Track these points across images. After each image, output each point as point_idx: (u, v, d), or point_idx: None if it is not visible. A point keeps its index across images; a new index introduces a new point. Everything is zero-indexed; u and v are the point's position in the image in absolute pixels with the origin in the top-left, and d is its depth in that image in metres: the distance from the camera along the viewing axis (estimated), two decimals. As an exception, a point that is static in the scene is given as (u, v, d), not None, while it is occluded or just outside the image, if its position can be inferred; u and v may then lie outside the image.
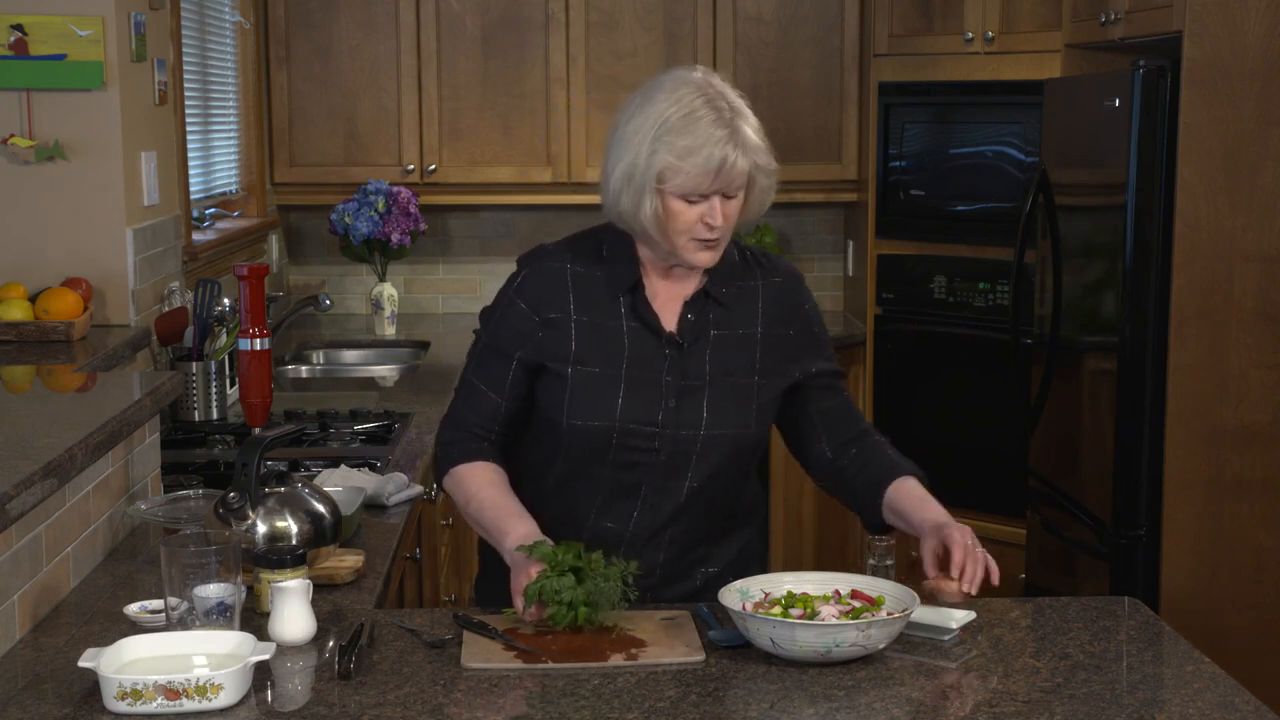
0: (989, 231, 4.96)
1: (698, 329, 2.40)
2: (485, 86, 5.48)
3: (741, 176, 2.30)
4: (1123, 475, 3.90)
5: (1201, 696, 2.04)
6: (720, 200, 2.30)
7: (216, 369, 3.82)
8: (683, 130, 2.28)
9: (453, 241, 5.88)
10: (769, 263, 2.51)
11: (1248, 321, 3.76)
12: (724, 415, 2.39)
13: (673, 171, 2.28)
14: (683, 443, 2.38)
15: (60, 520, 2.39)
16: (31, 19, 3.48)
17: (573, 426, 2.39)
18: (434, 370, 4.73)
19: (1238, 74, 3.69)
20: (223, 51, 5.00)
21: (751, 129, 2.31)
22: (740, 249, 2.48)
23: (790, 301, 2.48)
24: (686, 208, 2.31)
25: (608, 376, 2.38)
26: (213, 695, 1.94)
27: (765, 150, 2.33)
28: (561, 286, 2.41)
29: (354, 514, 2.73)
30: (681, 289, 2.42)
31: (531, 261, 2.45)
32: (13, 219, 3.58)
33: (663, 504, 2.41)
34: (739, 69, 5.50)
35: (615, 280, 2.41)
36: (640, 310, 2.40)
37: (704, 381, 2.39)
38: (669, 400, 2.38)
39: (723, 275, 2.43)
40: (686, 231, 2.32)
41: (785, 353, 2.45)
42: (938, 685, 2.08)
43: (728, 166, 2.28)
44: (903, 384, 5.33)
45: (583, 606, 2.18)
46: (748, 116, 2.32)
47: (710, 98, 2.29)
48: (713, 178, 2.28)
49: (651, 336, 2.39)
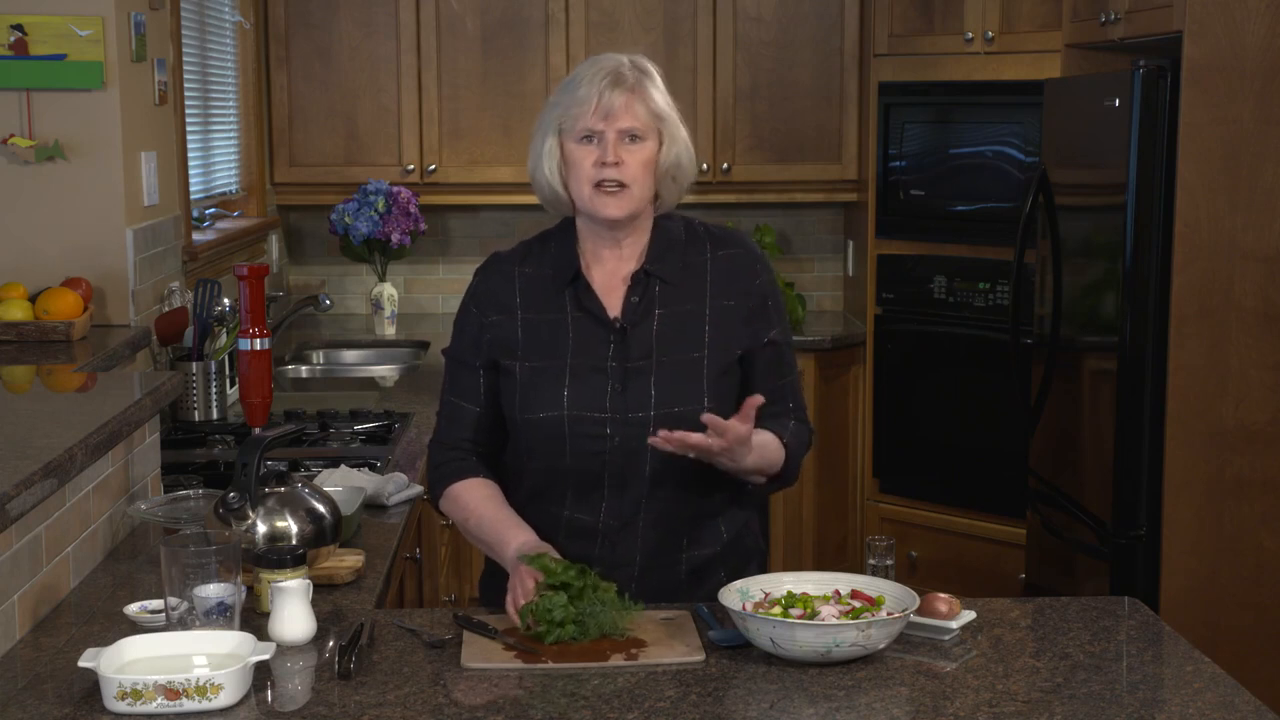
0: (989, 231, 4.96)
1: (642, 309, 2.41)
2: (485, 86, 5.48)
3: (630, 115, 2.34)
4: (1123, 475, 3.90)
5: (1201, 696, 2.04)
6: (617, 138, 2.34)
7: (216, 369, 3.82)
8: (573, 81, 2.38)
9: (453, 241, 5.88)
10: (723, 238, 2.50)
11: (1248, 321, 3.76)
12: (673, 394, 2.38)
13: (562, 111, 2.37)
14: (634, 425, 2.38)
15: (60, 520, 2.39)
16: (31, 19, 3.48)
17: (526, 421, 2.41)
18: (434, 370, 4.73)
19: (1238, 74, 3.69)
20: (223, 51, 5.00)
21: (656, 90, 2.38)
22: (689, 225, 2.49)
23: (742, 275, 2.46)
24: (583, 150, 2.36)
25: (554, 368, 2.40)
26: (213, 695, 1.95)
27: (670, 111, 2.39)
28: (509, 288, 2.46)
29: (354, 514, 2.73)
30: (620, 269, 2.43)
31: (483, 269, 2.52)
32: (13, 219, 3.58)
33: (627, 491, 2.41)
34: (739, 69, 5.50)
35: (559, 274, 2.44)
36: (583, 299, 2.42)
37: (650, 362, 2.39)
38: (615, 385, 2.38)
39: (662, 252, 2.44)
40: (589, 179, 2.36)
41: (732, 324, 2.43)
42: (938, 685, 2.08)
43: (606, 100, 2.33)
44: (903, 384, 5.33)
45: (570, 625, 2.18)
46: (655, 82, 2.39)
47: (618, 63, 2.37)
48: (593, 108, 2.33)
49: (595, 324, 2.41)
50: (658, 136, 2.37)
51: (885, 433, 5.40)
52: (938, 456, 5.26)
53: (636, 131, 2.35)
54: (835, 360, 5.39)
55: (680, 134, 2.40)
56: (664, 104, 2.38)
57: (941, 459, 5.25)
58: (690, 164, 2.42)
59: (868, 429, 5.44)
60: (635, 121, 2.34)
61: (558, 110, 2.38)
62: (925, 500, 5.30)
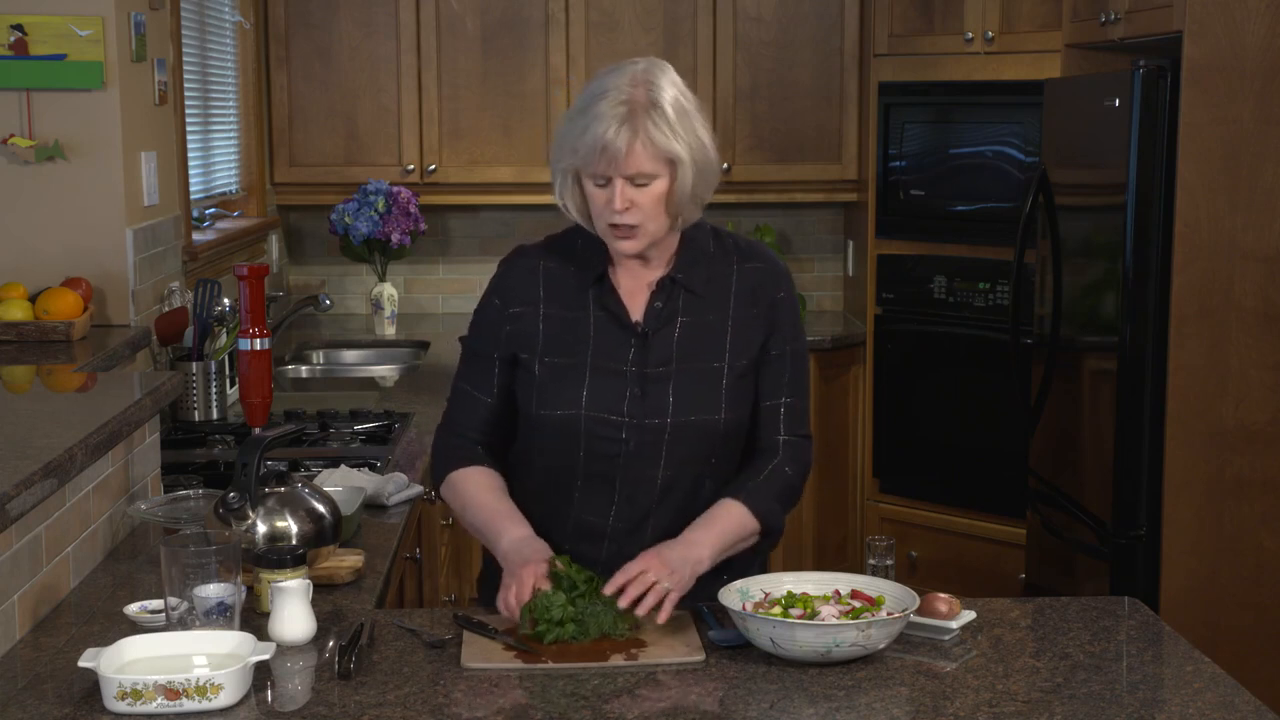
0: (989, 231, 4.97)
1: (665, 316, 2.40)
2: (485, 86, 5.48)
3: (637, 161, 2.28)
4: (1123, 475, 3.90)
5: (1201, 696, 2.04)
6: (624, 185, 2.29)
7: (216, 369, 3.82)
8: (583, 111, 2.31)
9: (453, 241, 5.88)
10: (749, 250, 2.48)
11: (1248, 321, 3.76)
12: (690, 402, 2.38)
13: (570, 151, 2.32)
14: (650, 431, 2.38)
15: (60, 520, 2.39)
16: (31, 19, 3.48)
17: (541, 417, 2.40)
18: (434, 370, 4.73)
19: (1238, 74, 3.69)
20: (223, 51, 5.00)
21: (667, 120, 2.28)
22: (718, 236, 2.47)
23: (765, 287, 2.45)
24: (596, 191, 2.33)
25: (574, 367, 2.39)
26: (213, 695, 1.95)
27: (690, 143, 2.30)
28: (533, 281, 2.44)
29: (354, 514, 2.73)
30: (646, 275, 2.42)
31: (508, 260, 2.50)
32: (13, 219, 3.58)
33: (638, 495, 2.41)
34: (739, 69, 5.50)
35: (584, 273, 2.43)
36: (606, 301, 2.41)
37: (670, 369, 2.39)
38: (634, 389, 2.38)
39: (691, 262, 2.42)
40: (601, 216, 2.34)
41: (751, 334, 2.43)
42: (938, 685, 2.08)
43: (612, 148, 2.26)
44: (903, 384, 5.33)
45: (570, 624, 2.18)
46: (666, 107, 2.28)
47: (634, 83, 2.29)
48: (597, 158, 2.28)
49: (617, 326, 2.40)
50: (669, 170, 2.31)
51: (885, 433, 5.40)
52: (938, 456, 5.26)
53: (644, 174, 2.29)
54: (835, 360, 5.39)
55: (696, 155, 2.31)
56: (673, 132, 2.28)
57: (941, 459, 5.25)
58: (713, 173, 2.36)
59: (868, 429, 5.44)
60: (642, 166, 2.28)
61: (567, 147, 2.32)
62: (925, 500, 5.30)
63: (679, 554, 2.28)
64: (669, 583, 2.23)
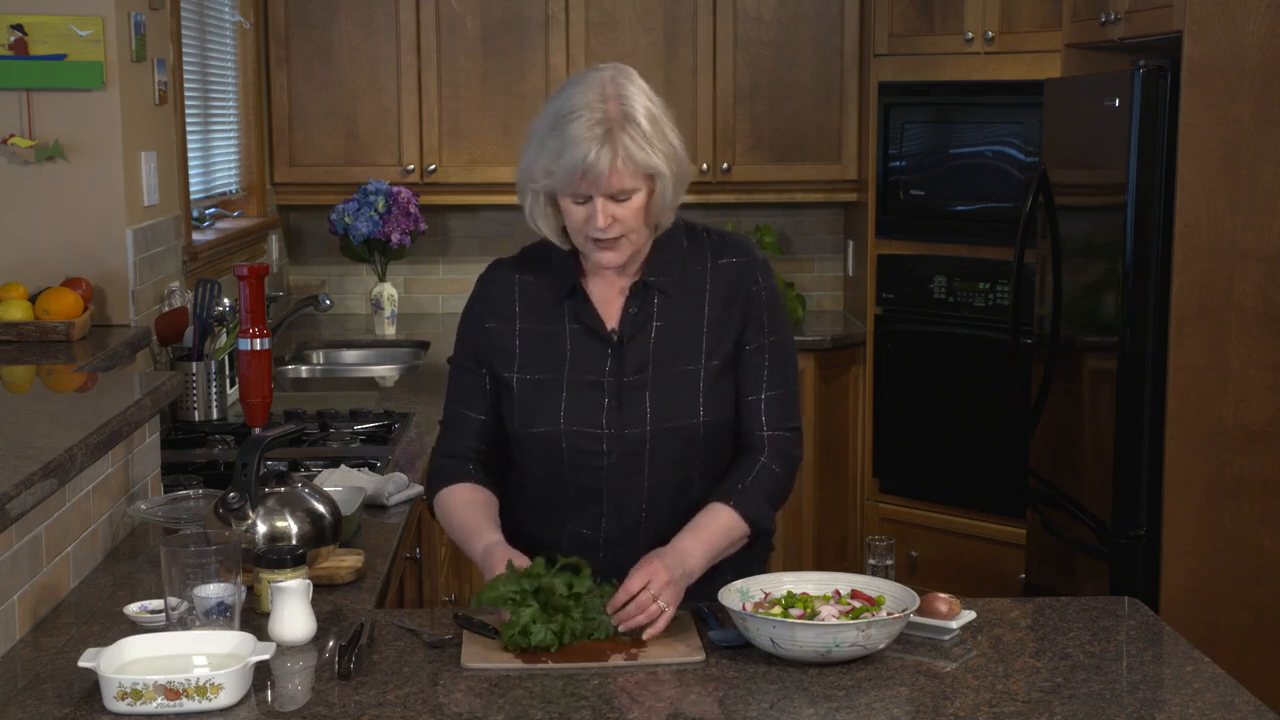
0: (989, 231, 4.97)
1: (639, 322, 2.39)
2: (485, 86, 5.48)
3: (619, 179, 2.26)
4: (1123, 475, 3.90)
5: (1201, 696, 2.04)
6: (604, 202, 2.28)
7: (216, 369, 3.82)
8: (558, 131, 2.28)
9: (453, 241, 5.88)
10: (724, 244, 2.46)
11: (1248, 321, 3.76)
12: (669, 408, 2.37)
13: (545, 173, 2.30)
14: (630, 441, 2.37)
15: (60, 520, 2.39)
16: (31, 19, 3.48)
17: (523, 435, 2.41)
18: (434, 370, 4.73)
19: (1238, 74, 3.69)
20: (223, 51, 5.00)
21: (643, 133, 2.26)
22: (692, 232, 2.46)
23: (741, 281, 2.43)
24: (576, 209, 2.31)
25: (551, 382, 2.39)
26: (213, 695, 1.95)
27: (665, 152, 2.29)
28: (509, 296, 2.45)
29: (354, 514, 2.73)
30: (619, 281, 2.42)
31: (484, 276, 2.50)
32: (13, 219, 3.58)
33: (626, 505, 2.41)
34: (739, 69, 5.50)
35: (557, 285, 2.42)
36: (581, 312, 2.41)
37: (645, 375, 2.38)
38: (611, 400, 2.37)
39: (663, 263, 2.41)
40: (580, 230, 2.33)
41: (729, 332, 2.41)
42: (938, 685, 2.08)
43: (594, 171, 2.25)
44: (903, 384, 5.33)
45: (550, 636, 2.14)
46: (641, 120, 2.26)
47: (604, 97, 2.27)
48: (579, 179, 2.26)
49: (593, 337, 2.40)
50: (649, 183, 2.30)
51: (885, 433, 5.40)
52: (938, 456, 5.26)
53: (625, 190, 2.28)
54: (835, 360, 5.39)
55: (673, 170, 2.31)
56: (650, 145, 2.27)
57: (941, 459, 5.25)
58: (687, 176, 2.36)
59: (868, 429, 5.44)
60: (623, 184, 2.27)
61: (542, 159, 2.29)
62: (925, 500, 5.30)
63: (674, 562, 2.27)
64: (666, 599, 2.22)
